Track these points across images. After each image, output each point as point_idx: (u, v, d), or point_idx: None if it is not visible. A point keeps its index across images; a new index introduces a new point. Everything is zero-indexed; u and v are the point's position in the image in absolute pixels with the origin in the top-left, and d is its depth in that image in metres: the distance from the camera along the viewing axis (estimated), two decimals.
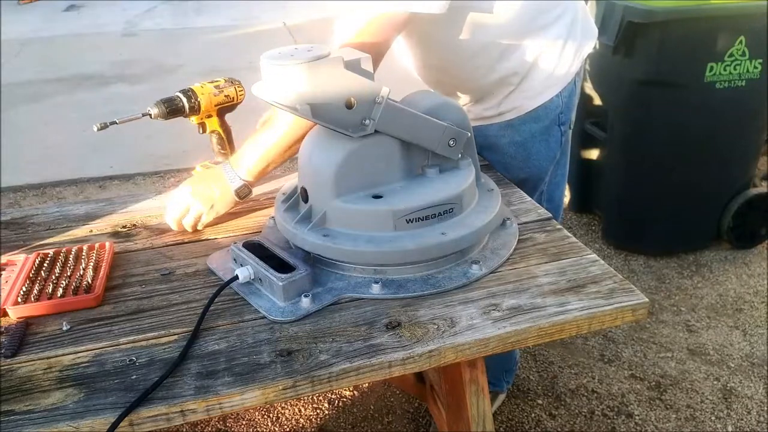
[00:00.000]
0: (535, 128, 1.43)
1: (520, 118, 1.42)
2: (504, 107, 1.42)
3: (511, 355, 1.82)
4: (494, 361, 1.70)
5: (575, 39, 1.40)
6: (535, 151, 1.45)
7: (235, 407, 0.83)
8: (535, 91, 1.40)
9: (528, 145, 1.44)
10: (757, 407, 1.86)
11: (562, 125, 1.46)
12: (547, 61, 1.38)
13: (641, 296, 0.98)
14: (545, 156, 1.47)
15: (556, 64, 1.39)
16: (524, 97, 1.40)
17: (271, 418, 1.86)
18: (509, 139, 1.44)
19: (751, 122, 2.43)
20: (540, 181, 1.50)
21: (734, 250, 2.63)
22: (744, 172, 2.54)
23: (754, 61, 2.24)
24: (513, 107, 1.41)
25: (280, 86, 0.97)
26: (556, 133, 1.46)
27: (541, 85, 1.40)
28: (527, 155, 1.45)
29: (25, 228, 1.31)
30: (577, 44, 1.41)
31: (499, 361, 1.77)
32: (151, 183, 3.47)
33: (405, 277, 1.04)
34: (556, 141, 1.47)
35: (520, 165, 1.46)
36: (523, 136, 1.43)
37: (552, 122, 1.44)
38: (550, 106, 1.42)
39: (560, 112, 1.43)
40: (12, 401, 0.82)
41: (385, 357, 0.87)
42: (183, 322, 0.97)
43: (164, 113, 1.29)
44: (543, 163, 1.48)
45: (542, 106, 1.41)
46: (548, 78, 1.40)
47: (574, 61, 1.42)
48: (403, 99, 1.14)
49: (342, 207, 1.04)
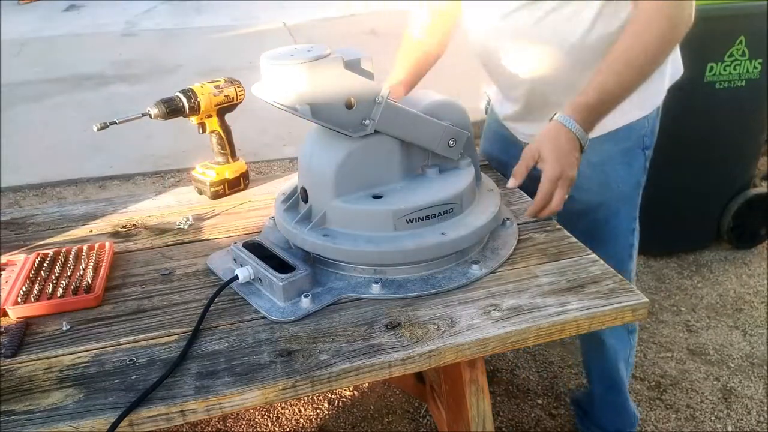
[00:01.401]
0: (615, 150, 1.31)
1: (598, 138, 1.25)
2: None
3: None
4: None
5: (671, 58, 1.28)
6: (615, 174, 1.33)
7: (235, 407, 0.83)
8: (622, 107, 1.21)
9: (606, 167, 1.32)
10: (757, 407, 1.86)
11: (647, 149, 1.34)
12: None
13: (641, 296, 0.98)
14: (627, 181, 1.34)
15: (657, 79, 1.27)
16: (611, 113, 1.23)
17: (271, 418, 1.86)
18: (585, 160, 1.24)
19: (751, 122, 2.42)
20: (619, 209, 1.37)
21: (734, 250, 2.63)
22: (744, 172, 2.54)
23: (754, 61, 2.24)
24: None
25: (280, 86, 0.97)
26: (639, 158, 1.34)
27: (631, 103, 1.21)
28: (605, 178, 1.33)
29: (25, 228, 1.31)
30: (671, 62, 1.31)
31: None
32: (151, 183, 3.47)
33: (405, 277, 1.04)
34: (640, 166, 1.35)
35: (595, 188, 1.33)
36: (600, 157, 1.30)
37: (635, 145, 1.32)
38: (635, 126, 1.30)
39: (644, 135, 1.32)
40: (12, 401, 0.82)
41: (385, 357, 0.87)
42: (183, 322, 0.97)
43: (164, 113, 1.29)
44: (624, 189, 1.35)
45: (626, 126, 1.29)
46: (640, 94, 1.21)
47: (666, 82, 1.31)
48: (403, 99, 1.14)
49: (342, 207, 1.04)
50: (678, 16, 1.09)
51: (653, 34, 1.10)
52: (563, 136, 1.08)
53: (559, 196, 1.08)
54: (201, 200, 1.39)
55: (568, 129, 1.08)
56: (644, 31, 1.10)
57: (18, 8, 8.15)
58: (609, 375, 1.58)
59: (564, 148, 1.07)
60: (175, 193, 1.45)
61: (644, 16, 1.10)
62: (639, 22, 1.10)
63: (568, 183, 1.08)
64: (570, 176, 1.08)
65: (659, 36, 1.10)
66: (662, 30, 1.09)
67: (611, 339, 1.51)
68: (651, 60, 1.11)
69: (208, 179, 1.38)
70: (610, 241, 1.35)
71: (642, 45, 1.10)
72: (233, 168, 1.41)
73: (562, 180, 1.07)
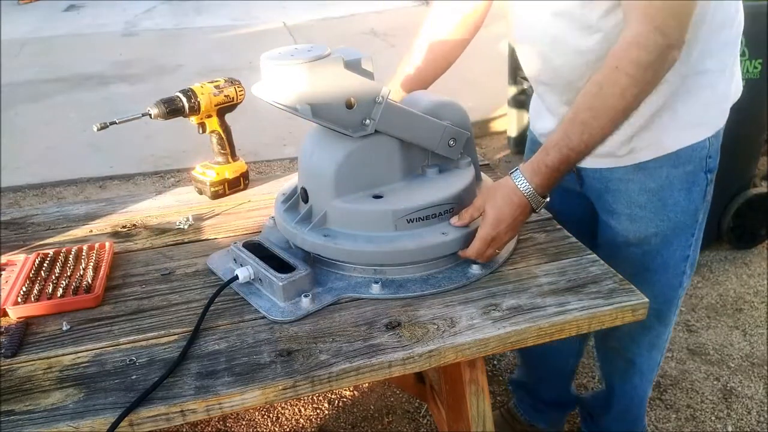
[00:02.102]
0: (675, 174, 1.16)
1: (655, 160, 1.15)
2: (637, 143, 1.14)
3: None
4: None
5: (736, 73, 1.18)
6: (673, 202, 1.19)
7: (235, 407, 0.83)
8: (685, 125, 1.12)
9: (665, 193, 1.18)
10: (757, 407, 1.86)
11: (710, 172, 1.18)
12: (710, 87, 1.12)
13: (641, 296, 0.98)
14: (685, 208, 1.20)
15: (719, 95, 1.14)
16: (666, 133, 1.13)
17: (271, 418, 1.86)
18: (640, 185, 1.18)
19: (751, 122, 2.42)
20: (674, 238, 1.23)
21: (734, 250, 2.63)
22: (744, 172, 2.54)
23: (754, 61, 2.24)
24: (649, 144, 1.14)
25: (280, 86, 0.97)
26: (701, 182, 1.18)
27: (695, 119, 1.12)
28: (662, 206, 1.19)
29: (25, 228, 1.31)
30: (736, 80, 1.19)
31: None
32: (151, 183, 3.47)
33: (405, 277, 1.04)
34: (700, 191, 1.19)
35: (650, 217, 1.20)
36: (659, 182, 1.17)
37: (697, 167, 1.16)
38: (697, 147, 1.14)
39: (708, 156, 1.16)
40: (12, 401, 0.82)
41: (385, 357, 0.87)
42: (183, 322, 0.97)
43: (164, 113, 1.29)
44: (680, 217, 1.21)
45: (687, 147, 1.14)
46: (706, 110, 1.12)
47: (731, 96, 1.18)
48: (403, 99, 1.14)
49: (342, 207, 1.04)
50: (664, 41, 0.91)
51: (630, 71, 0.92)
52: (512, 198, 1.01)
53: (490, 253, 1.03)
54: (201, 200, 1.39)
55: (520, 192, 1.00)
56: (620, 67, 0.93)
57: (18, 8, 8.15)
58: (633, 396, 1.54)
59: (506, 211, 1.01)
60: (175, 193, 1.45)
61: (621, 48, 0.94)
62: (615, 56, 0.94)
63: (501, 245, 1.04)
64: (504, 240, 1.03)
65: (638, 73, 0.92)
66: (642, 65, 0.92)
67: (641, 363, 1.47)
68: (629, 105, 0.95)
69: (208, 179, 1.38)
70: (658, 272, 1.24)
71: (617, 86, 0.94)
72: (233, 168, 1.41)
73: (494, 242, 1.02)
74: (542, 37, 1.13)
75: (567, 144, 0.97)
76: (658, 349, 1.45)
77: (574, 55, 1.10)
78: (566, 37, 1.09)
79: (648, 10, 0.92)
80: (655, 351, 1.45)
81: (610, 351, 1.54)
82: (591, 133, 0.96)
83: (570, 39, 1.08)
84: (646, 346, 1.43)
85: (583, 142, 0.97)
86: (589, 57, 1.07)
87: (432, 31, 1.29)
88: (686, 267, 1.29)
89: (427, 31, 1.30)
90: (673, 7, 0.92)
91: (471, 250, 1.03)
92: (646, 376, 1.50)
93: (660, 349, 1.46)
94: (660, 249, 1.23)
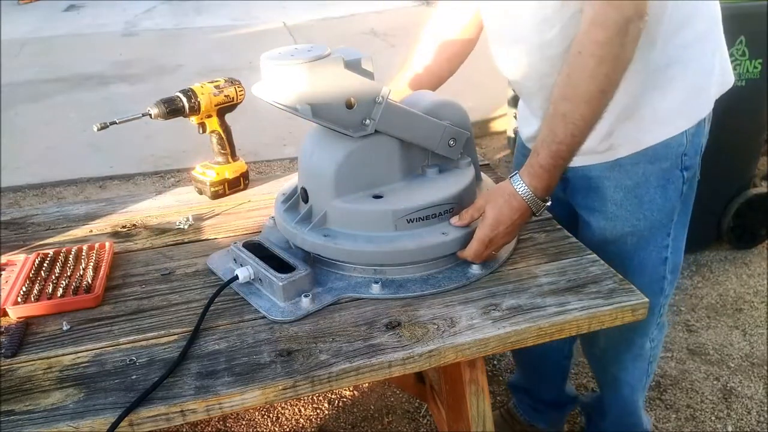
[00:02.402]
0: (651, 171, 1.15)
1: (632, 157, 1.14)
2: (616, 139, 1.13)
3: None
4: None
5: (718, 64, 1.14)
6: (649, 199, 1.17)
7: (235, 407, 0.83)
8: (660, 120, 1.12)
9: (641, 191, 1.17)
10: (757, 407, 1.86)
11: (686, 170, 1.17)
12: (688, 79, 1.10)
13: (641, 296, 0.98)
14: (660, 207, 1.18)
15: (696, 87, 1.12)
16: (643, 128, 1.12)
17: (271, 418, 1.86)
18: (616, 183, 1.17)
19: (751, 122, 2.42)
20: (651, 238, 1.22)
21: (734, 250, 2.63)
22: (744, 172, 2.54)
23: (754, 61, 2.24)
24: (627, 140, 1.13)
25: (280, 86, 0.97)
26: (676, 180, 1.17)
27: (671, 113, 1.11)
28: (638, 203, 1.18)
29: (25, 228, 1.31)
30: (720, 73, 1.15)
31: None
32: (151, 183, 3.47)
33: (405, 277, 1.04)
34: (676, 189, 1.18)
35: (626, 215, 1.19)
36: (635, 180, 1.16)
37: (673, 165, 1.15)
38: (672, 143, 1.13)
39: (683, 153, 1.15)
40: (12, 401, 0.82)
41: (385, 357, 0.87)
42: (183, 322, 0.97)
43: (164, 113, 1.29)
44: (656, 216, 1.19)
45: (663, 143, 1.13)
46: (682, 105, 1.11)
47: (712, 92, 1.15)
48: (403, 99, 1.14)
49: (342, 207, 1.04)
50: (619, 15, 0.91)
51: (594, 51, 0.92)
52: (511, 202, 1.01)
53: (486, 255, 1.04)
54: (201, 200, 1.39)
55: (520, 196, 1.00)
56: (583, 51, 0.93)
57: (18, 8, 8.15)
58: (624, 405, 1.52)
59: (505, 214, 1.01)
60: (175, 193, 1.45)
61: (581, 32, 0.94)
62: (577, 42, 0.94)
63: (499, 248, 1.05)
64: (502, 243, 1.04)
65: (602, 51, 0.92)
66: (603, 42, 0.92)
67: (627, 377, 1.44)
68: (602, 86, 0.94)
69: (208, 179, 1.38)
70: (635, 275, 1.19)
71: (585, 70, 0.93)
72: (233, 168, 1.41)
73: (492, 243, 1.02)
74: (507, 38, 1.14)
75: (553, 139, 0.97)
76: (643, 358, 1.41)
77: (537, 51, 1.09)
78: (526, 34, 1.09)
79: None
80: (640, 361, 1.41)
81: (596, 363, 1.52)
82: (574, 123, 0.95)
83: (530, 36, 1.08)
84: (629, 360, 1.41)
85: (569, 134, 0.96)
86: (552, 51, 1.06)
87: (439, 32, 1.29)
88: (665, 271, 1.26)
89: (435, 32, 1.29)
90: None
91: (468, 251, 1.03)
92: (636, 387, 1.47)
93: (645, 358, 1.41)
94: (636, 249, 1.21)
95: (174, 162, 3.58)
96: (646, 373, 1.46)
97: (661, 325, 1.39)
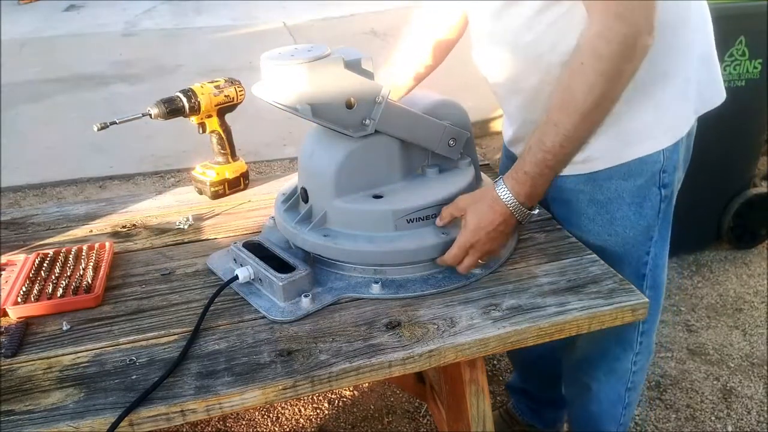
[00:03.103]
0: (624, 187, 1.11)
1: (606, 171, 1.11)
2: (593, 151, 1.07)
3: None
4: None
5: (703, 79, 1.10)
6: (621, 216, 1.13)
7: (235, 407, 0.83)
8: (637, 136, 1.08)
9: (612, 207, 1.13)
10: (757, 407, 1.86)
11: (664, 187, 1.12)
12: (667, 95, 1.06)
13: (641, 296, 0.98)
14: (633, 224, 1.14)
15: (676, 104, 1.08)
16: (622, 141, 1.08)
17: (271, 418, 1.86)
18: (589, 197, 1.14)
19: (751, 122, 2.42)
20: (625, 255, 1.17)
21: (734, 250, 2.63)
22: (744, 172, 2.54)
23: (754, 61, 2.24)
24: (602, 154, 1.09)
25: (280, 86, 0.97)
26: (653, 197, 1.13)
27: (648, 129, 1.07)
28: (610, 219, 1.14)
29: (25, 228, 1.31)
30: (706, 88, 1.12)
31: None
32: (151, 183, 3.47)
33: (405, 277, 1.04)
34: (653, 208, 1.13)
35: (597, 230, 1.16)
36: (607, 195, 1.13)
37: (649, 182, 1.11)
38: (648, 160, 1.09)
39: (661, 170, 1.10)
40: (12, 401, 0.82)
41: (385, 357, 0.87)
42: (183, 322, 0.97)
43: (164, 113, 1.29)
44: (629, 233, 1.15)
45: (638, 159, 1.09)
46: (659, 122, 1.07)
47: (694, 108, 1.11)
48: (403, 99, 1.14)
49: (342, 207, 1.04)
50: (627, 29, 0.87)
51: (595, 65, 0.89)
52: (493, 207, 0.98)
53: (468, 263, 1.00)
54: (201, 200, 1.40)
55: (502, 202, 0.98)
56: (585, 62, 0.89)
57: (18, 8, 8.15)
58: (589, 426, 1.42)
59: (487, 220, 0.98)
60: (175, 193, 1.45)
61: (585, 42, 0.90)
62: (579, 52, 0.90)
63: (480, 255, 1.00)
64: (483, 250, 1.00)
65: (604, 66, 0.89)
66: (606, 56, 0.88)
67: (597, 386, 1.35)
68: (600, 100, 0.91)
69: (208, 179, 1.38)
70: None
71: (584, 83, 0.90)
72: (233, 168, 1.41)
73: (473, 250, 0.99)
74: (485, 38, 1.12)
75: (541, 147, 0.94)
76: (618, 377, 1.33)
77: (511, 53, 1.07)
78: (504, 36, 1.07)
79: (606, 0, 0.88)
80: (614, 379, 1.33)
81: (569, 370, 1.45)
82: (564, 133, 0.92)
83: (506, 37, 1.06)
84: (603, 370, 1.33)
85: (558, 143, 0.93)
86: (527, 54, 1.04)
87: (433, 32, 1.28)
88: (643, 287, 1.21)
89: (428, 31, 1.29)
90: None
91: (447, 255, 1.01)
92: (605, 409, 1.38)
93: (621, 378, 1.33)
94: (611, 265, 1.11)
95: (174, 162, 3.58)
96: (618, 398, 1.36)
97: (646, 350, 1.32)
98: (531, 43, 1.03)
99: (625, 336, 1.28)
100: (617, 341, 1.29)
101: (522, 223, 1.01)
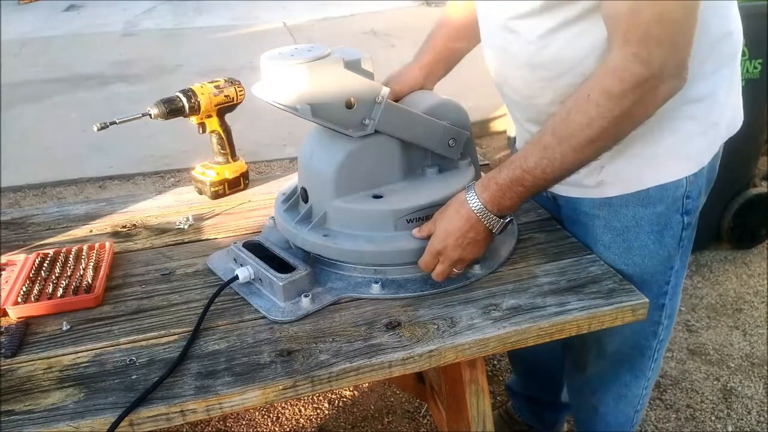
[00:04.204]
0: (643, 214, 1.03)
1: (622, 198, 1.03)
2: (607, 175, 1.01)
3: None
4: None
5: (732, 103, 1.05)
6: (640, 245, 1.05)
7: (235, 407, 0.83)
8: (656, 161, 0.99)
9: (629, 236, 1.05)
10: (757, 407, 1.86)
11: (686, 214, 1.04)
12: (696, 119, 0.97)
13: (641, 296, 0.98)
14: (653, 254, 1.06)
15: (703, 129, 0.99)
16: (636, 168, 1.00)
17: (271, 418, 1.86)
18: (604, 223, 1.07)
19: (751, 122, 2.40)
20: (643, 286, 1.04)
21: (734, 250, 2.63)
22: (744, 172, 2.54)
23: (754, 61, 2.24)
24: (617, 178, 1.02)
25: (280, 86, 0.97)
26: (675, 225, 1.04)
27: (669, 155, 0.98)
28: (627, 248, 1.06)
29: (25, 228, 1.31)
30: (731, 113, 1.06)
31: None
32: (151, 183, 3.47)
33: (405, 277, 1.04)
34: (674, 236, 1.05)
35: (614, 258, 1.08)
36: (624, 222, 1.05)
37: (671, 209, 1.02)
38: (669, 186, 1.00)
39: (685, 195, 1.02)
40: (12, 401, 0.82)
41: (385, 357, 0.87)
42: (183, 322, 0.97)
43: (164, 113, 1.29)
44: (648, 263, 1.07)
45: (660, 186, 1.00)
46: (683, 147, 0.98)
47: (721, 135, 1.04)
48: (403, 99, 1.14)
49: (342, 207, 1.04)
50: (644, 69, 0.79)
51: (600, 101, 0.82)
52: (460, 211, 0.95)
53: (440, 270, 0.97)
54: (201, 200, 1.40)
55: (468, 206, 0.94)
56: (591, 95, 0.82)
57: (18, 8, 8.15)
58: None
59: (454, 225, 0.94)
60: (175, 193, 1.45)
61: (597, 74, 0.83)
62: (589, 83, 0.83)
63: (451, 263, 0.96)
64: (453, 257, 0.95)
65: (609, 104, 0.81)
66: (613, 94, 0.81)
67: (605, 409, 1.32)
68: (596, 138, 0.84)
69: (208, 179, 1.38)
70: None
71: (584, 116, 0.83)
72: (233, 168, 1.41)
73: (443, 257, 0.96)
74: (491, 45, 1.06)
75: (522, 165, 0.89)
76: (628, 401, 1.28)
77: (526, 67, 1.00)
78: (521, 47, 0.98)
79: (628, 35, 0.79)
80: (623, 403, 1.29)
81: (577, 390, 1.42)
82: (550, 158, 0.87)
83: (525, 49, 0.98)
84: (612, 395, 1.30)
85: (540, 167, 0.88)
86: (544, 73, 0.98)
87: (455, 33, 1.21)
88: (662, 317, 1.16)
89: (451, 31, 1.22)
90: (660, 32, 0.78)
91: (420, 261, 0.99)
92: (612, 429, 1.33)
93: (630, 402, 1.29)
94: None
95: (174, 162, 3.58)
96: (628, 421, 1.32)
97: (655, 372, 1.28)
98: (547, 62, 0.96)
99: (639, 366, 1.24)
100: (630, 368, 1.25)
101: (494, 232, 0.96)
